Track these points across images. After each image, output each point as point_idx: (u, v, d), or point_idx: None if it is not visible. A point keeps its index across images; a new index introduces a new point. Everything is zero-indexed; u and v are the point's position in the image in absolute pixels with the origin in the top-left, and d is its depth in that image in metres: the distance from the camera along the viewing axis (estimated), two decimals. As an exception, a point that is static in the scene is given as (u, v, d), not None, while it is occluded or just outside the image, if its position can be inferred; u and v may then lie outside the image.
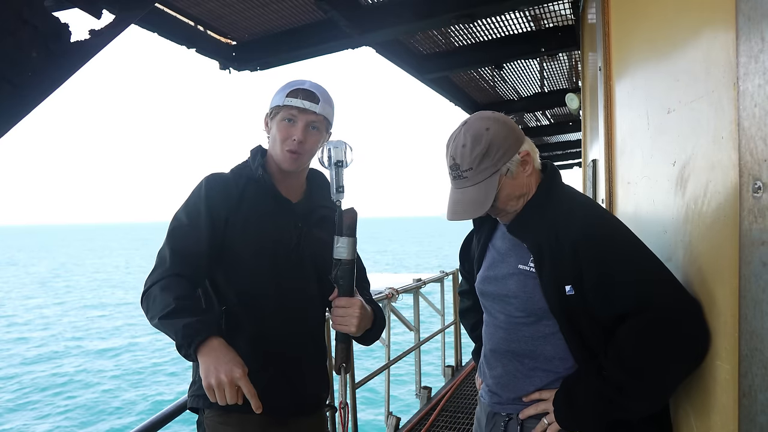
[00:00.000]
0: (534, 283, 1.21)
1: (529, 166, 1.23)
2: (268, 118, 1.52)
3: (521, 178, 1.22)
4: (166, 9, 2.59)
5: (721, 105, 0.78)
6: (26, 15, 0.65)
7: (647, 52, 1.31)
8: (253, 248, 1.44)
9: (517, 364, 1.26)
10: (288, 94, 1.46)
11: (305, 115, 1.45)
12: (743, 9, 0.65)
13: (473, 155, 1.17)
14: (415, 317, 5.46)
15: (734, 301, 0.72)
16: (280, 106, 1.46)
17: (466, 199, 1.20)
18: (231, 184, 1.47)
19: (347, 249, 1.37)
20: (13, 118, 0.67)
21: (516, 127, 1.24)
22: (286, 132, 1.46)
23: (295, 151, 1.45)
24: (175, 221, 1.43)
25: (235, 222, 1.43)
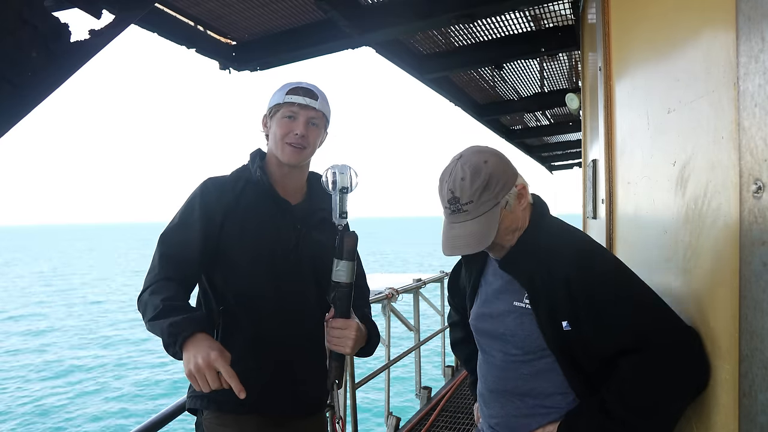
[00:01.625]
0: (530, 320, 1.19)
1: (525, 200, 1.23)
2: (267, 118, 1.54)
3: (517, 211, 1.21)
4: (166, 9, 2.59)
5: (721, 105, 0.78)
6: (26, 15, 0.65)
7: (647, 52, 1.31)
8: (251, 250, 1.45)
9: (518, 403, 1.24)
10: (288, 92, 1.49)
11: (306, 111, 1.49)
12: (743, 9, 0.65)
13: (474, 188, 1.15)
14: (415, 317, 5.46)
15: (734, 301, 0.72)
16: (281, 103, 1.49)
17: (466, 233, 1.17)
18: (228, 187, 1.49)
19: (346, 273, 1.39)
20: (13, 118, 0.67)
21: (510, 161, 1.24)
22: (287, 127, 1.48)
23: (297, 144, 1.47)
24: (168, 226, 1.46)
25: (232, 224, 1.45)
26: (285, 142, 1.48)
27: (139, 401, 12.52)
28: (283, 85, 1.54)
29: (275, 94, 1.53)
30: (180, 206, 1.48)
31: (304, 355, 1.50)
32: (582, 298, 1.11)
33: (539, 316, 1.17)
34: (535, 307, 1.18)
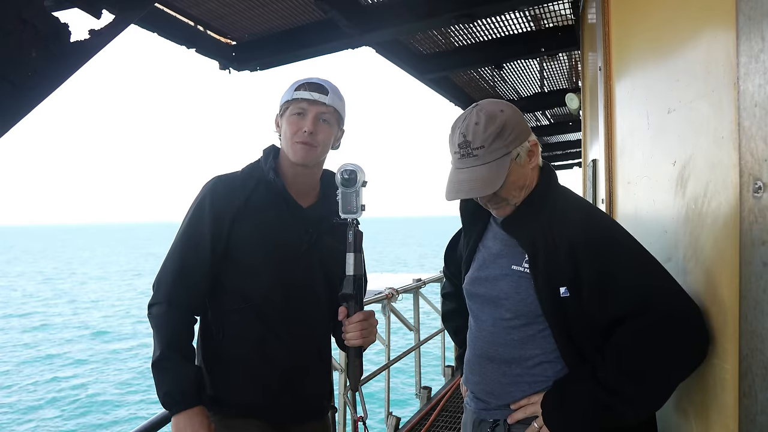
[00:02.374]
0: (527, 285, 1.17)
1: (535, 159, 1.21)
2: (278, 117, 1.49)
3: (527, 168, 1.19)
4: (166, 9, 2.59)
5: (721, 105, 0.77)
6: (26, 15, 0.64)
7: (647, 52, 1.31)
8: (260, 252, 1.41)
9: (505, 369, 1.23)
10: (297, 88, 1.44)
11: (315, 106, 1.42)
12: (743, 9, 0.65)
13: (487, 133, 1.13)
14: (415, 317, 5.45)
15: (735, 301, 0.72)
16: (290, 100, 1.44)
17: (474, 177, 1.14)
18: (238, 185, 1.44)
19: (360, 266, 1.40)
20: (13, 118, 0.67)
21: (524, 119, 1.23)
22: (296, 125, 1.42)
23: (306, 142, 1.41)
24: (178, 235, 1.43)
25: (242, 225, 1.41)
26: (295, 141, 1.42)
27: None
28: (294, 82, 1.49)
29: (287, 90, 1.48)
30: (188, 211, 1.44)
31: (311, 360, 1.48)
32: (586, 264, 1.09)
33: (537, 279, 1.15)
34: (534, 269, 1.15)
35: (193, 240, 1.40)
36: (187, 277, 1.38)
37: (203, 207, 1.41)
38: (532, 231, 1.17)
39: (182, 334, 1.35)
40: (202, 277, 1.39)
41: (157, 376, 1.30)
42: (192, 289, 1.38)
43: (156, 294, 1.38)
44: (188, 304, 1.38)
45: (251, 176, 1.47)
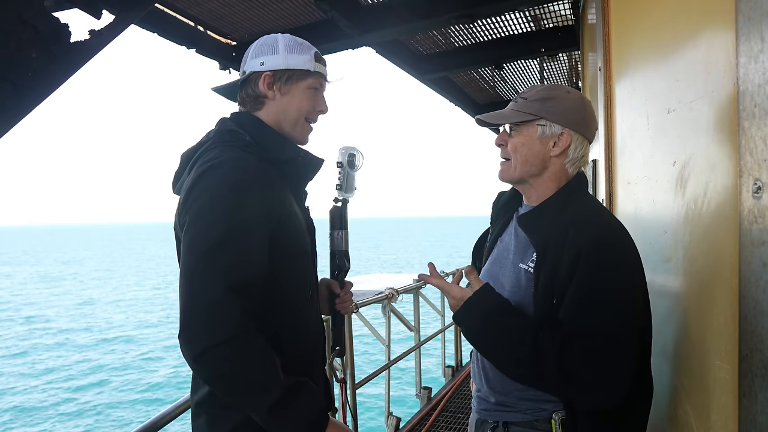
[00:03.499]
0: (528, 284, 1.16)
1: (558, 149, 1.19)
2: (277, 78, 1.24)
3: (544, 148, 1.19)
4: (166, 9, 2.60)
5: (721, 105, 0.78)
6: (26, 15, 0.65)
7: (647, 52, 1.31)
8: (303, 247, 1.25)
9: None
10: (316, 58, 1.27)
11: (325, 83, 1.31)
12: (743, 9, 0.65)
13: (535, 92, 1.22)
14: (416, 317, 5.46)
15: (734, 300, 0.72)
16: (311, 71, 1.25)
17: (500, 112, 1.25)
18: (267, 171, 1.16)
19: (347, 240, 1.46)
20: (14, 118, 0.67)
21: (589, 120, 1.22)
22: (312, 102, 1.27)
23: (314, 122, 1.31)
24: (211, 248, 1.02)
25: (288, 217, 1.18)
26: (308, 120, 1.28)
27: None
28: (294, 39, 1.28)
29: (294, 52, 1.25)
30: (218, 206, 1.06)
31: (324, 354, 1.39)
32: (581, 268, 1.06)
33: (538, 280, 1.13)
34: (538, 270, 1.14)
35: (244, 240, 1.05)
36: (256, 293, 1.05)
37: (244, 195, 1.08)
38: (548, 232, 1.15)
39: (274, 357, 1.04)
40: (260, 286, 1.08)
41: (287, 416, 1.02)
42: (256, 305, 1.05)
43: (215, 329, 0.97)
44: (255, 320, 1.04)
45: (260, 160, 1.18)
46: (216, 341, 0.96)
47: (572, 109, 1.19)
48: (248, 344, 0.99)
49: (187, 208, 1.07)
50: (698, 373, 0.97)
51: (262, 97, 1.24)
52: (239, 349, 0.98)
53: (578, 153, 1.20)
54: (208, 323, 0.97)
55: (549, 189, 1.21)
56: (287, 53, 1.24)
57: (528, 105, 1.20)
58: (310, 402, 1.05)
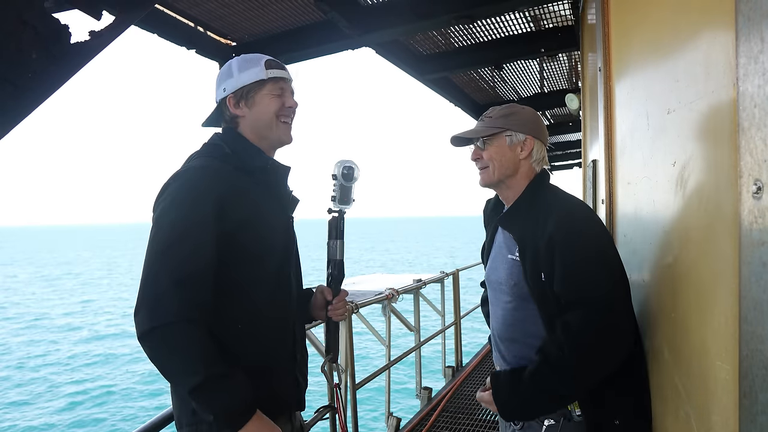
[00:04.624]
0: (519, 271, 1.39)
1: (525, 152, 1.47)
2: (238, 98, 1.38)
3: (513, 153, 1.47)
4: (166, 10, 2.60)
5: (720, 106, 0.78)
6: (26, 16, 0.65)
7: (647, 52, 1.31)
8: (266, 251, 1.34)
9: (510, 345, 1.46)
10: (267, 65, 1.41)
11: (288, 84, 1.46)
12: (743, 10, 0.65)
13: (499, 111, 1.49)
14: (416, 318, 5.46)
15: (734, 301, 0.72)
16: (265, 79, 1.39)
17: (474, 129, 1.51)
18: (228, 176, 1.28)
19: (343, 250, 1.53)
20: (14, 119, 0.67)
21: (543, 128, 1.51)
22: (280, 102, 1.39)
23: (289, 120, 1.42)
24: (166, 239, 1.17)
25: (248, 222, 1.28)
26: (281, 120, 1.39)
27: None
28: (243, 58, 1.43)
29: (244, 70, 1.39)
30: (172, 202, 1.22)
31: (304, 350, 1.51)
32: (558, 254, 1.29)
33: (525, 265, 1.37)
34: (523, 259, 1.38)
35: (192, 240, 1.17)
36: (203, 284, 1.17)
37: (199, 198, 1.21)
38: (523, 225, 1.41)
39: (210, 345, 1.15)
40: (208, 282, 1.19)
41: (206, 402, 1.12)
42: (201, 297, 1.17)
43: (157, 314, 1.12)
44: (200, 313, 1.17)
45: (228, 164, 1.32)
46: (156, 324, 1.11)
47: (530, 120, 1.49)
48: (182, 331, 1.12)
49: (155, 207, 1.24)
50: (699, 373, 0.97)
51: (236, 117, 1.40)
52: (173, 334, 1.11)
53: (540, 154, 1.49)
54: (152, 309, 1.12)
55: (521, 186, 1.48)
56: (239, 72, 1.40)
57: (495, 121, 1.47)
58: (231, 394, 1.14)
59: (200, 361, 1.12)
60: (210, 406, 1.12)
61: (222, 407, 1.12)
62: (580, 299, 1.26)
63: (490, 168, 1.47)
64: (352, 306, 3.41)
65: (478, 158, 1.50)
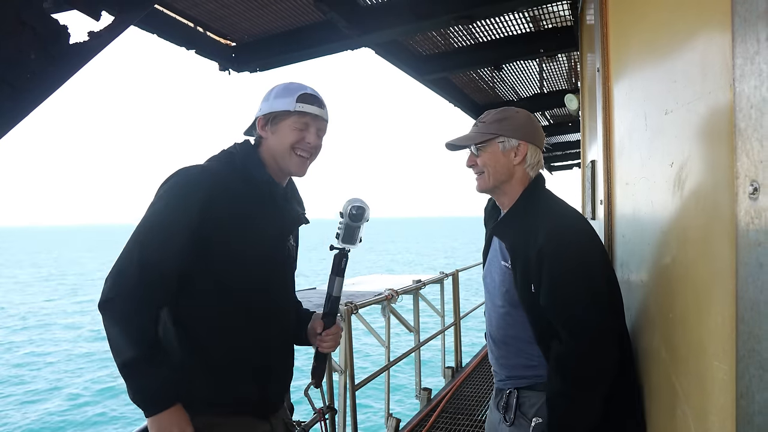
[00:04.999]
0: (510, 278, 1.44)
1: (519, 158, 1.48)
2: (267, 121, 1.46)
3: (507, 158, 1.48)
4: (166, 10, 2.60)
5: (717, 106, 0.78)
6: (25, 17, 0.65)
7: (645, 53, 1.32)
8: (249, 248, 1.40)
9: (504, 347, 1.51)
10: (299, 99, 1.44)
11: (317, 121, 1.48)
12: (739, 11, 0.66)
13: (492, 115, 1.50)
14: (415, 318, 5.46)
15: (731, 301, 0.72)
16: (292, 111, 1.43)
17: (465, 135, 1.52)
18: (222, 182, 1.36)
19: (342, 287, 1.53)
20: (13, 120, 0.68)
21: (537, 132, 1.51)
22: (299, 135, 1.45)
23: (306, 154, 1.47)
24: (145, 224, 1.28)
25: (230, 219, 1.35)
26: (297, 152, 1.45)
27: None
28: (285, 86, 1.47)
29: (279, 97, 1.45)
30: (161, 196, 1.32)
31: (288, 352, 1.55)
32: (545, 273, 1.32)
33: (516, 274, 1.41)
34: (514, 268, 1.42)
35: (166, 231, 1.27)
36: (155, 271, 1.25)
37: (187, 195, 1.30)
38: (516, 234, 1.43)
39: (152, 328, 1.25)
40: (172, 272, 1.28)
41: (133, 379, 1.20)
42: (161, 285, 1.26)
43: (115, 287, 1.22)
44: (156, 299, 1.26)
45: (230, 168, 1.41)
46: (112, 295, 1.22)
47: (523, 125, 1.48)
48: (129, 308, 1.21)
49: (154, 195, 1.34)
50: (696, 374, 0.97)
51: (260, 137, 1.49)
52: (121, 308, 1.22)
53: (535, 159, 1.49)
54: (114, 282, 1.23)
55: (517, 191, 1.49)
56: (274, 99, 1.45)
57: (488, 127, 1.48)
58: (153, 380, 1.21)
59: (136, 340, 1.20)
60: (132, 385, 1.20)
61: (141, 389, 1.20)
62: (564, 322, 1.31)
63: (485, 174, 1.49)
64: (351, 306, 3.41)
65: (473, 164, 1.52)
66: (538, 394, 1.44)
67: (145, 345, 1.21)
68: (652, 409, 1.33)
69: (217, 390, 1.35)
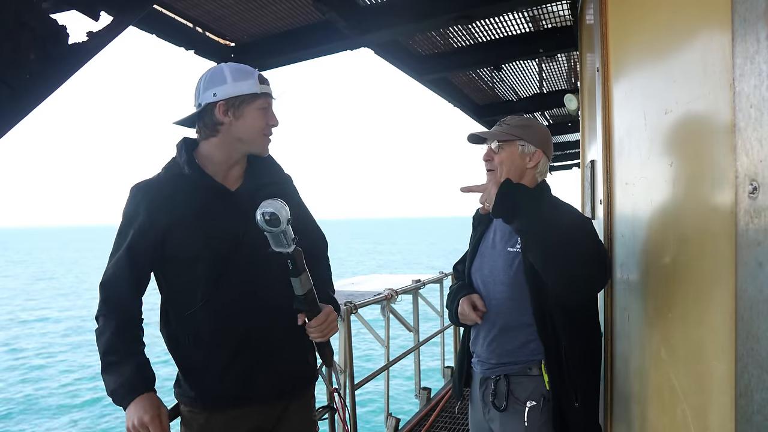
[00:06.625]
0: (518, 260, 1.55)
1: (533, 163, 1.62)
2: (230, 105, 1.42)
3: (523, 161, 1.61)
4: (165, 10, 2.59)
5: (717, 106, 0.78)
6: (24, 17, 0.65)
7: (645, 53, 1.32)
8: (199, 250, 1.42)
9: (507, 333, 1.59)
10: (260, 80, 1.45)
11: (271, 100, 1.50)
12: (739, 10, 0.66)
13: (517, 120, 1.64)
14: (415, 318, 5.46)
15: (731, 301, 0.73)
16: (258, 94, 1.44)
17: (490, 131, 1.65)
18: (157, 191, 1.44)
19: (306, 283, 1.43)
20: (12, 121, 0.67)
21: (551, 145, 1.68)
22: (265, 119, 1.47)
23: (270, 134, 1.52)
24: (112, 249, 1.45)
25: (174, 228, 1.41)
26: (265, 135, 1.49)
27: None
28: (237, 67, 1.44)
29: (240, 80, 1.42)
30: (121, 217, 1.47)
31: (279, 339, 1.51)
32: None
33: (526, 255, 1.51)
34: (524, 250, 1.52)
35: (128, 251, 1.41)
36: (117, 288, 1.43)
37: (123, 226, 1.44)
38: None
39: (115, 337, 1.40)
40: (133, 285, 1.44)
41: (105, 381, 1.39)
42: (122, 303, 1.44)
43: (98, 308, 1.45)
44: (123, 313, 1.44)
45: (174, 174, 1.47)
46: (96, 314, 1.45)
47: (544, 137, 1.65)
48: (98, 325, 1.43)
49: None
50: (695, 373, 0.97)
51: (219, 124, 1.44)
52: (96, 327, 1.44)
53: (544, 167, 1.66)
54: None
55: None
56: (234, 81, 1.41)
57: (512, 129, 1.61)
58: (117, 378, 1.37)
59: (103, 351, 1.40)
60: (106, 385, 1.39)
61: (110, 386, 1.38)
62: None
63: (498, 171, 1.60)
64: (351, 306, 3.41)
65: (489, 159, 1.62)
66: (530, 379, 1.56)
67: (108, 353, 1.40)
68: (652, 408, 1.33)
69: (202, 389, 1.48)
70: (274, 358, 1.50)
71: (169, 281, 1.49)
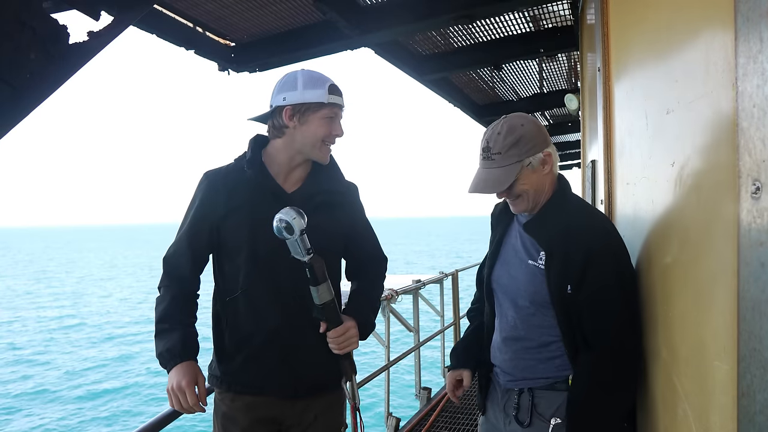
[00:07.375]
0: (541, 278, 1.38)
1: (548, 167, 1.42)
2: (296, 111, 1.49)
3: (539, 173, 1.41)
4: (165, 10, 2.59)
5: (719, 105, 0.78)
6: (25, 17, 0.65)
7: (646, 52, 1.31)
8: (247, 244, 1.50)
9: (526, 347, 1.46)
10: (330, 90, 1.50)
11: (341, 111, 1.55)
12: (742, 9, 0.65)
13: (505, 142, 1.37)
14: (415, 318, 5.46)
15: (733, 301, 0.72)
16: (324, 103, 1.50)
17: (489, 178, 1.39)
18: (220, 181, 1.54)
19: (327, 292, 1.46)
20: (12, 120, 0.67)
21: (545, 131, 1.45)
22: (329, 128, 1.52)
23: (331, 145, 1.56)
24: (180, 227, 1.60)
25: (230, 219, 1.52)
26: (326, 143, 1.53)
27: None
28: (310, 74, 1.51)
29: (310, 88, 1.48)
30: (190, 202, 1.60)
31: (308, 340, 1.54)
32: (593, 274, 1.31)
33: (550, 274, 1.36)
34: (548, 268, 1.36)
35: (188, 232, 1.54)
36: (176, 268, 1.57)
37: (191, 207, 1.56)
38: (551, 233, 1.39)
39: (170, 307, 1.53)
40: (190, 263, 1.55)
41: (156, 344, 1.50)
42: (181, 278, 1.56)
43: (160, 280, 1.58)
44: (181, 287, 1.56)
45: (238, 168, 1.56)
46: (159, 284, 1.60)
47: (537, 134, 1.40)
48: (159, 294, 1.56)
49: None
50: (697, 373, 0.97)
51: (285, 127, 1.52)
52: (160, 293, 1.57)
53: (556, 158, 1.47)
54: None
55: (549, 194, 1.45)
56: (304, 89, 1.48)
57: (508, 157, 1.37)
58: (165, 343, 1.48)
59: (157, 318, 1.52)
60: (156, 348, 1.49)
61: (158, 350, 1.48)
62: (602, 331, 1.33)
63: (524, 198, 1.42)
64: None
65: (506, 196, 1.45)
66: (556, 394, 1.42)
67: (161, 320, 1.51)
68: (653, 409, 1.33)
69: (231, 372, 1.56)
70: (298, 358, 1.54)
71: (220, 265, 1.58)
